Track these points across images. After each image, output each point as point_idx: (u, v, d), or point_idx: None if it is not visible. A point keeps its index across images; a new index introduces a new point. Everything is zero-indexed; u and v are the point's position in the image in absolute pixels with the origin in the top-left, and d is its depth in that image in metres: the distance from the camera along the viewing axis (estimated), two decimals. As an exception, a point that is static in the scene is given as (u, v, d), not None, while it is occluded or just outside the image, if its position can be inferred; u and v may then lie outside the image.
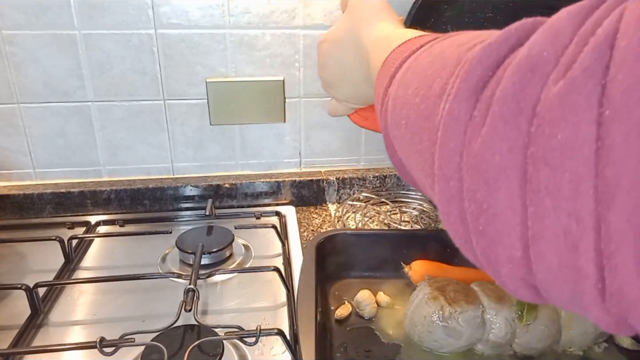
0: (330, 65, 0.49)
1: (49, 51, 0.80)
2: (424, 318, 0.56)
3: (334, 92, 0.52)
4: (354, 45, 0.46)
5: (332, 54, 0.49)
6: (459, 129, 0.21)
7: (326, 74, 0.51)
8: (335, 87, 0.51)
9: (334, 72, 0.49)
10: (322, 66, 0.51)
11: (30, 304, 0.62)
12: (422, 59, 0.29)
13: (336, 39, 0.48)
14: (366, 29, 0.44)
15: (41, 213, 0.87)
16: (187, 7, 0.80)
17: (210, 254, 0.73)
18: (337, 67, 0.49)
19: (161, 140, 0.89)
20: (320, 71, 0.52)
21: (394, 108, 0.31)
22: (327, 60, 0.50)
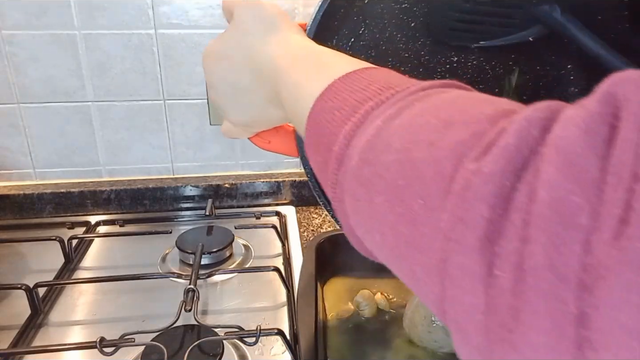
0: (220, 87, 0.41)
1: (49, 51, 0.80)
2: (424, 318, 0.56)
3: (228, 116, 0.43)
4: (248, 64, 0.38)
5: (219, 74, 0.40)
6: (475, 285, 0.17)
7: (216, 96, 0.42)
8: (227, 110, 0.42)
9: (225, 94, 0.41)
10: (210, 86, 0.43)
11: (30, 304, 0.62)
12: (395, 131, 0.23)
13: (223, 56, 0.40)
14: (264, 43, 0.37)
15: (41, 213, 0.87)
16: (187, 7, 0.80)
17: (210, 254, 0.73)
18: (228, 89, 0.41)
19: (161, 140, 0.89)
20: (208, 91, 0.44)
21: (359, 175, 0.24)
22: (215, 81, 0.41)
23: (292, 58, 0.35)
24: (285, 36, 0.38)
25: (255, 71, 0.38)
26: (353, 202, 0.25)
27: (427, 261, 0.19)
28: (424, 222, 0.19)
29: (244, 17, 0.39)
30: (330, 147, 0.26)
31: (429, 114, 0.22)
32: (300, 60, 0.34)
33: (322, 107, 0.29)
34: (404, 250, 0.21)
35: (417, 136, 0.21)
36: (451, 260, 0.18)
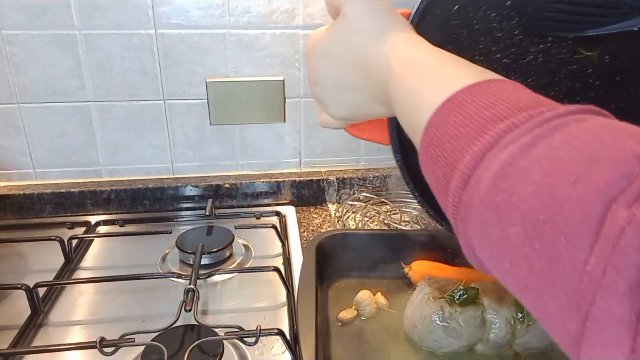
0: (324, 83, 0.41)
1: (49, 51, 0.80)
2: (424, 318, 0.56)
3: (329, 110, 0.44)
4: (357, 63, 0.38)
5: (325, 71, 0.40)
6: (622, 331, 0.17)
7: (319, 92, 0.43)
8: (329, 104, 0.43)
9: (330, 90, 0.41)
10: (314, 82, 0.43)
11: (30, 304, 0.62)
12: (534, 162, 0.22)
13: (329, 54, 0.39)
14: (375, 44, 0.36)
15: (41, 213, 0.87)
16: (187, 7, 0.80)
17: (210, 254, 0.73)
18: (332, 86, 0.41)
19: (161, 140, 0.89)
20: (311, 86, 0.44)
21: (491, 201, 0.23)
22: (319, 78, 0.41)
23: (407, 62, 0.34)
24: (398, 36, 0.36)
25: (365, 71, 0.37)
26: (480, 226, 0.24)
27: (565, 299, 0.19)
28: (566, 261, 0.19)
29: (354, 14, 0.38)
30: (454, 164, 0.26)
31: (570, 147, 0.21)
32: (417, 65, 0.33)
33: (443, 120, 0.28)
34: (537, 283, 0.21)
35: (559, 170, 0.21)
36: (598, 303, 0.18)
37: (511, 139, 0.23)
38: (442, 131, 0.27)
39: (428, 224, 0.86)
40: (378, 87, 0.37)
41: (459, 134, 0.26)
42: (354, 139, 1.00)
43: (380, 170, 0.97)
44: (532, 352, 0.58)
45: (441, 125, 0.28)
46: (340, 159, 0.97)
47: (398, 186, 0.97)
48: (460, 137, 0.26)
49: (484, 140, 0.24)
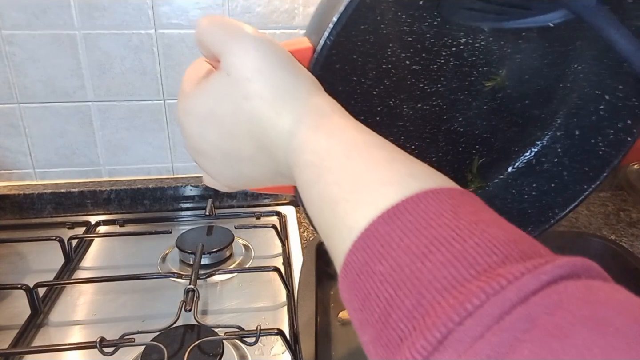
0: (209, 153, 0.33)
1: (49, 51, 0.80)
2: (424, 318, 0.56)
3: (218, 180, 0.36)
4: (246, 131, 0.29)
5: (208, 139, 0.32)
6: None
7: (203, 162, 0.35)
8: (219, 176, 0.35)
9: (216, 161, 0.33)
10: (194, 151, 0.35)
11: (30, 304, 0.62)
12: None
13: (211, 118, 0.31)
14: (269, 111, 0.28)
15: (41, 213, 0.87)
16: (187, 7, 0.80)
17: (210, 254, 0.73)
18: (219, 156, 0.32)
19: (161, 140, 0.89)
20: (191, 154, 0.36)
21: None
22: (200, 146, 0.33)
23: (314, 152, 0.26)
24: (302, 104, 0.28)
25: (261, 144, 0.30)
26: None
27: None
28: None
29: (240, 72, 0.29)
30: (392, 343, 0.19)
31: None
32: (327, 160, 0.25)
33: (365, 263, 0.21)
34: None
35: None
36: None
37: (460, 340, 0.16)
38: (366, 281, 0.20)
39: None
40: (279, 164, 0.30)
41: (391, 300, 0.19)
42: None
43: (380, 170, 0.97)
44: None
45: (365, 272, 0.21)
46: (340, 159, 0.97)
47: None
48: (393, 307, 0.19)
49: (426, 338, 0.17)
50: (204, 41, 0.31)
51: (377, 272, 0.20)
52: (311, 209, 0.27)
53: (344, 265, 0.22)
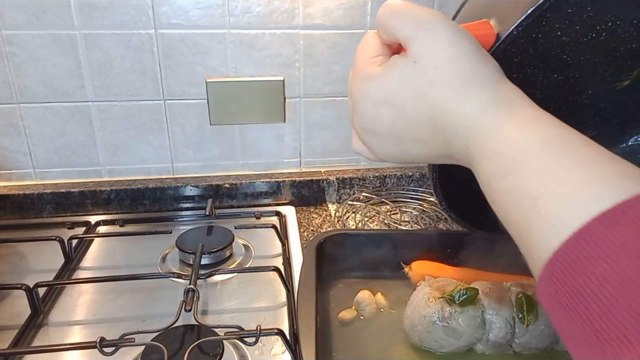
0: (380, 133, 0.33)
1: (49, 51, 0.80)
2: (423, 318, 0.56)
3: (376, 154, 0.36)
4: (425, 117, 0.30)
5: (383, 121, 0.32)
6: None
7: (370, 140, 0.35)
8: (381, 153, 0.35)
9: (385, 140, 0.34)
10: (364, 130, 0.35)
11: (30, 304, 0.62)
12: None
13: (391, 103, 0.31)
14: (454, 98, 0.28)
15: (41, 213, 0.87)
16: (187, 7, 0.80)
17: (210, 254, 0.73)
18: (390, 137, 0.33)
19: (161, 140, 0.89)
20: (358, 131, 0.36)
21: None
22: (374, 127, 0.33)
23: (505, 141, 0.26)
24: (491, 94, 0.28)
25: (439, 128, 0.30)
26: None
27: None
28: None
29: (429, 60, 0.29)
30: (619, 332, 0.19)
31: None
32: (522, 152, 0.25)
33: (579, 263, 0.21)
34: None
35: None
36: None
37: None
38: (582, 280, 0.21)
39: (428, 224, 0.86)
40: (454, 148, 0.30)
41: (613, 299, 0.20)
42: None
43: (380, 170, 0.97)
44: (532, 352, 0.58)
45: (580, 272, 0.21)
46: (340, 159, 0.97)
47: (398, 186, 0.97)
48: (617, 307, 0.19)
49: None
50: (389, 25, 0.32)
51: (596, 274, 0.20)
52: (498, 199, 0.27)
53: (550, 262, 0.23)
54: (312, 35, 0.86)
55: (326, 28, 0.85)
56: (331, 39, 0.86)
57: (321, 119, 0.92)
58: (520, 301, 0.57)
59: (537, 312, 0.56)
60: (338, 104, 0.92)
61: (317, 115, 0.92)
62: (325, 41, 0.86)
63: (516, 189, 0.25)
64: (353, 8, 0.85)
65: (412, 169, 0.97)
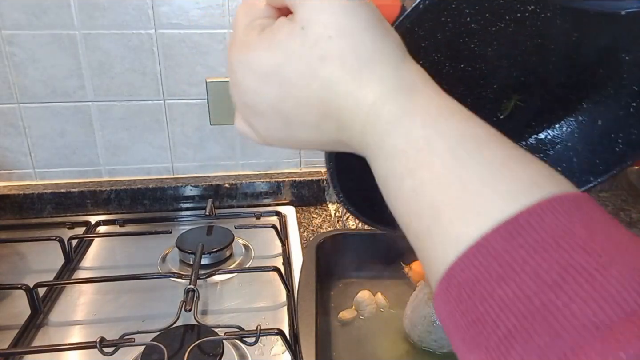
0: (263, 112, 0.28)
1: (49, 51, 0.80)
2: (423, 318, 0.56)
3: (261, 136, 0.31)
4: (315, 97, 0.26)
5: (267, 98, 0.27)
6: None
7: (252, 119, 0.30)
8: (266, 135, 0.30)
9: (269, 121, 0.29)
10: (245, 105, 0.30)
11: (30, 304, 0.62)
12: None
13: (277, 77, 0.26)
14: (349, 77, 0.25)
15: (41, 213, 0.87)
16: (187, 7, 0.80)
17: (210, 254, 0.73)
18: (275, 117, 0.28)
19: (161, 140, 0.89)
20: (239, 107, 0.31)
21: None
22: (256, 104, 0.28)
23: (413, 132, 0.23)
24: (390, 74, 0.24)
25: (330, 111, 0.26)
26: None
27: None
28: None
29: (320, 29, 0.24)
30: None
31: None
32: (423, 148, 0.22)
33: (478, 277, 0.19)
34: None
35: None
36: None
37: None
38: (480, 303, 0.19)
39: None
40: (349, 135, 0.26)
41: (515, 331, 0.17)
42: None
43: (380, 170, 0.97)
44: (532, 352, 0.58)
45: (478, 293, 0.19)
46: (340, 159, 0.97)
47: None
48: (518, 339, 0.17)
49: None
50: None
51: (495, 297, 0.18)
52: (396, 203, 0.24)
53: (445, 277, 0.20)
54: (312, 35, 0.85)
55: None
56: (331, 39, 0.86)
57: (321, 119, 0.92)
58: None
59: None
60: (338, 104, 0.91)
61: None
62: (325, 41, 0.86)
63: (415, 194, 0.22)
64: (353, 8, 0.84)
65: (412, 169, 0.97)
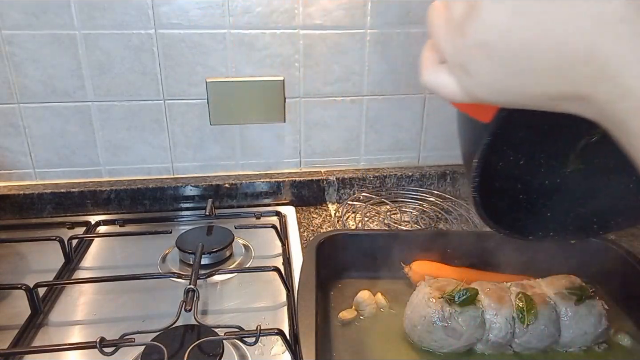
0: (500, 51, 0.26)
1: (49, 51, 0.80)
2: (423, 318, 0.56)
3: (473, 83, 0.29)
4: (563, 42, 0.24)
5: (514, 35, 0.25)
6: None
7: (479, 59, 0.27)
8: (482, 82, 0.28)
9: (501, 65, 0.27)
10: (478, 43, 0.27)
11: (30, 304, 0.62)
12: None
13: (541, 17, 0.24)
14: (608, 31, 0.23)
15: (41, 213, 0.87)
16: (187, 7, 0.80)
17: (210, 254, 0.73)
18: (511, 60, 0.26)
19: (161, 140, 0.89)
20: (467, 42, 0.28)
21: None
22: (497, 40, 0.26)
23: None
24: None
25: (594, 61, 0.23)
26: None
27: None
28: None
29: None
30: None
31: None
32: None
33: None
34: None
35: None
36: None
37: None
38: None
39: (428, 224, 0.86)
40: (604, 88, 0.23)
41: None
42: (354, 138, 0.99)
43: (380, 170, 0.97)
44: (531, 352, 0.58)
45: None
46: (340, 159, 0.97)
47: (398, 186, 0.97)
48: None
49: None
50: None
51: None
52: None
53: None
54: (312, 35, 0.86)
55: (326, 28, 0.85)
56: (331, 39, 0.86)
57: (321, 119, 0.92)
58: (520, 301, 0.57)
59: (537, 312, 0.56)
60: (338, 104, 0.92)
61: (317, 115, 0.92)
62: (325, 41, 0.86)
63: None
64: (353, 8, 0.85)
65: (412, 169, 0.97)
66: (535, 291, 0.59)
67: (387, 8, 0.86)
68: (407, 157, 0.99)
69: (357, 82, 0.90)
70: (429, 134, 0.97)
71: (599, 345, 0.60)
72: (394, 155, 0.98)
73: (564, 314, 0.58)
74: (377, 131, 0.95)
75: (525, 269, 0.67)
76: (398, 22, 0.87)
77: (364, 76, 0.90)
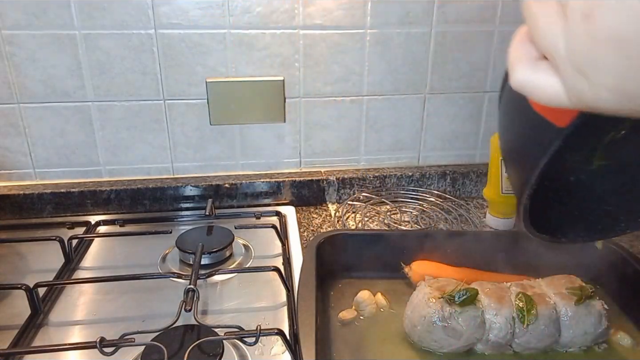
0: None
1: (49, 51, 0.80)
2: (423, 318, 0.56)
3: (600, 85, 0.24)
4: None
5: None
6: None
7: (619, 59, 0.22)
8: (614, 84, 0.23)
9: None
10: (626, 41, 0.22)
11: (30, 304, 0.62)
12: None
13: None
14: None
15: (41, 213, 0.87)
16: (187, 7, 0.80)
17: (210, 254, 0.73)
18: None
19: (161, 140, 0.89)
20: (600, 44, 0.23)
21: None
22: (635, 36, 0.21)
23: None
24: None
25: None
26: None
27: None
28: None
29: None
30: None
31: None
32: None
33: None
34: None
35: None
36: None
37: None
38: None
39: (428, 224, 0.86)
40: None
41: None
42: (354, 138, 0.99)
43: (380, 170, 0.97)
44: (531, 352, 0.58)
45: None
46: (340, 159, 0.97)
47: (398, 186, 0.97)
48: None
49: None
50: None
51: None
52: None
53: None
54: (312, 35, 0.86)
55: (326, 28, 0.85)
56: (331, 39, 0.86)
57: (321, 119, 0.92)
58: (520, 301, 0.57)
59: (537, 312, 0.56)
60: (338, 104, 0.92)
61: (317, 115, 0.92)
62: (325, 41, 0.86)
63: None
64: (353, 8, 0.85)
65: (412, 169, 0.97)
66: (535, 291, 0.59)
67: (387, 8, 0.86)
68: (407, 157, 0.99)
69: (357, 82, 0.90)
70: (429, 134, 0.97)
71: (599, 345, 0.60)
72: (394, 155, 0.98)
73: (564, 314, 0.58)
74: (377, 131, 0.95)
75: (525, 269, 0.67)
76: (398, 22, 0.87)
77: (364, 76, 0.90)
